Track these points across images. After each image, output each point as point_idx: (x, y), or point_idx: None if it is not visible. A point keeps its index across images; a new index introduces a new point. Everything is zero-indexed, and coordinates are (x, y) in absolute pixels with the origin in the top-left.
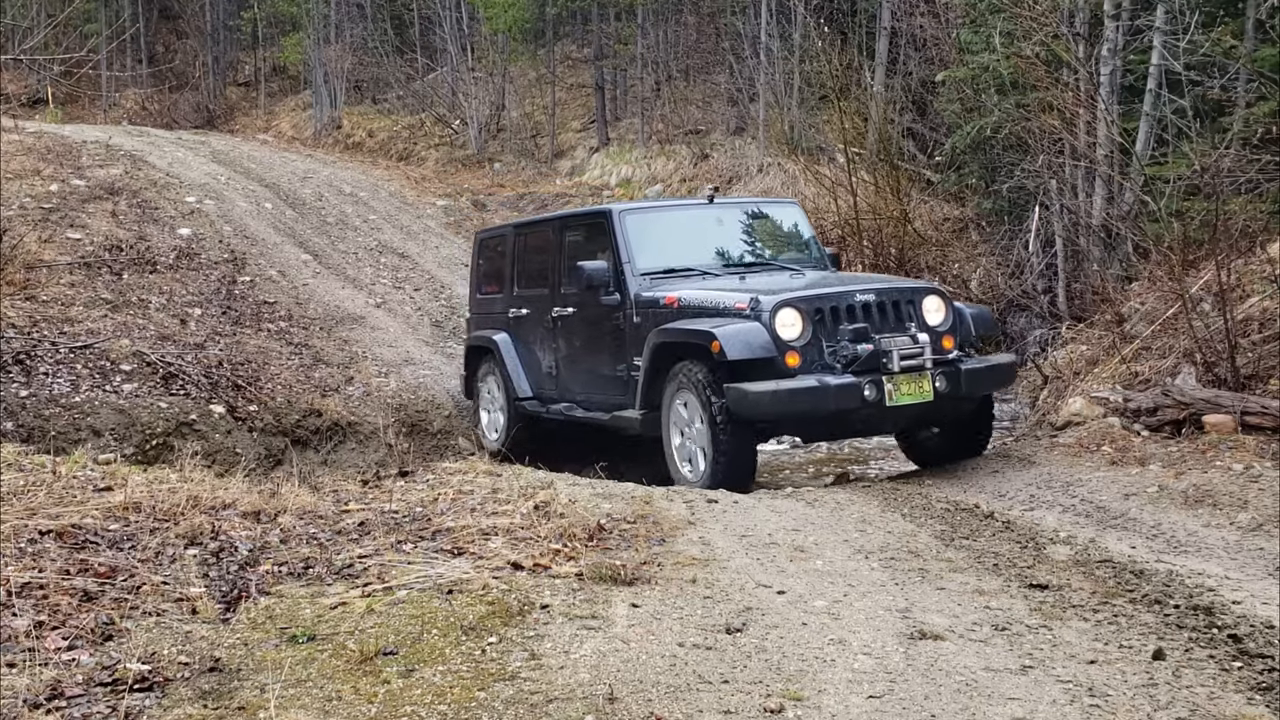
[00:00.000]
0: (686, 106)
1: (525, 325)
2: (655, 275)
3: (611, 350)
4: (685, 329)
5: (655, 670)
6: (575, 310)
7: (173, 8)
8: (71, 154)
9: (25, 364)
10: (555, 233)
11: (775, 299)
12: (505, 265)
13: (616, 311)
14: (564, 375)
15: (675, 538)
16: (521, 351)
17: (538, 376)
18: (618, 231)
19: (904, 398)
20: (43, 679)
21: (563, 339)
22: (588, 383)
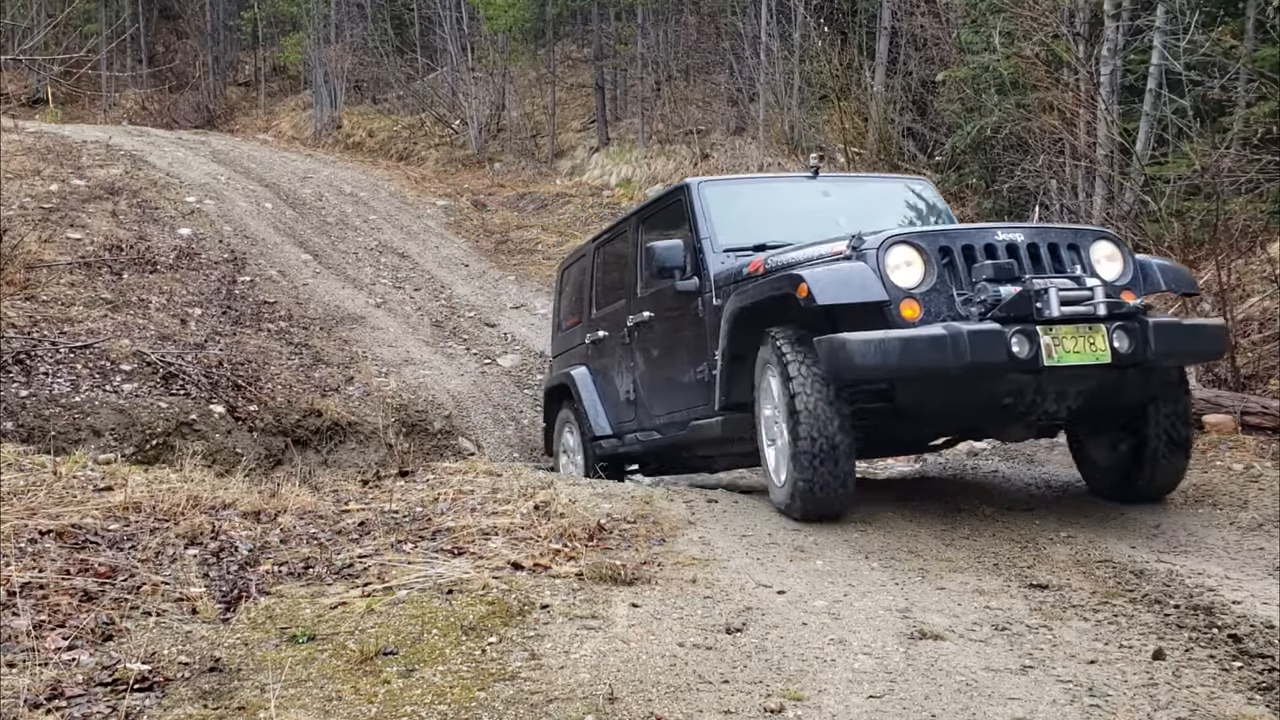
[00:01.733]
0: (686, 106)
1: (603, 349)
2: (740, 252)
3: (690, 349)
4: (765, 280)
5: (655, 670)
6: (651, 313)
7: (173, 7)
8: (71, 154)
9: (25, 364)
10: (633, 231)
11: (885, 234)
12: (584, 289)
13: (694, 299)
14: (643, 397)
15: (675, 538)
16: (599, 383)
17: (616, 408)
18: (696, 204)
19: (1068, 356)
20: (43, 679)
21: (639, 352)
22: (667, 398)
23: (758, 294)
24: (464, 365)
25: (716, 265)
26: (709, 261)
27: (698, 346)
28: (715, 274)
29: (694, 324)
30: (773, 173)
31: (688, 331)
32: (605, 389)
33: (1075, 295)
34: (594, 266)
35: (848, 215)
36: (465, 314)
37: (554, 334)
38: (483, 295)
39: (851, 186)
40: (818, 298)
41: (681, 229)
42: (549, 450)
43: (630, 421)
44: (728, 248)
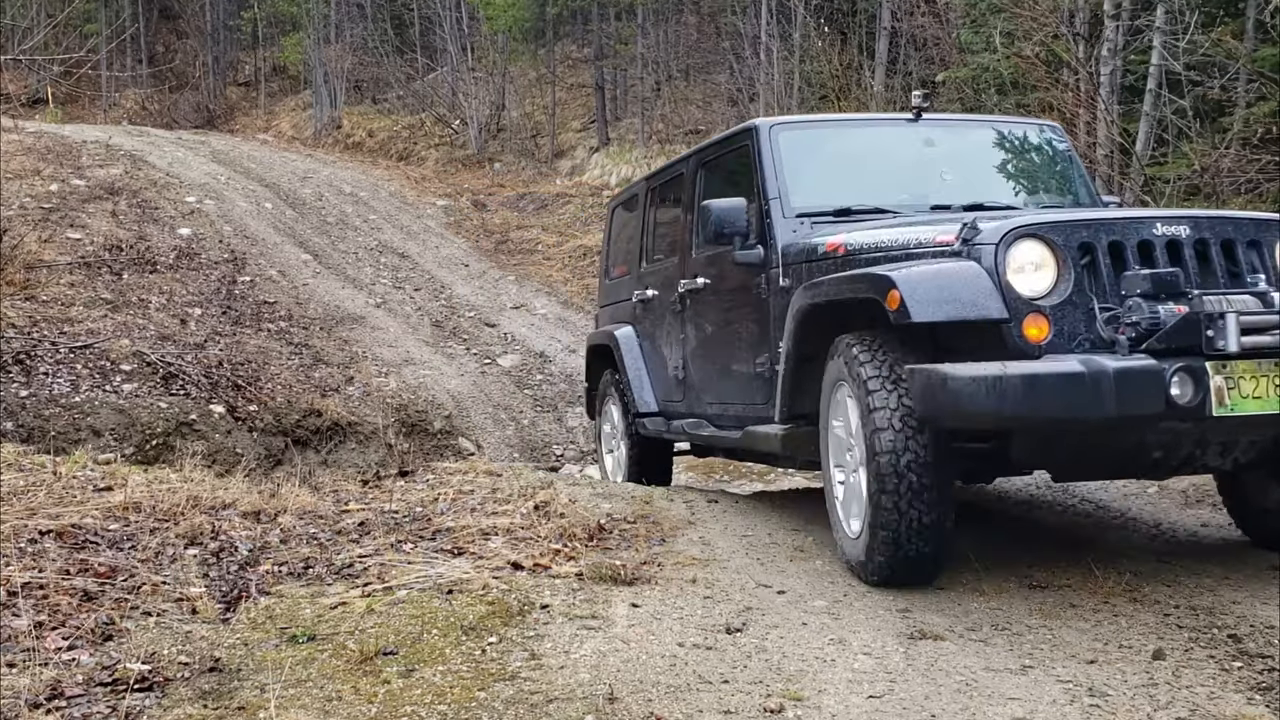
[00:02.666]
0: (686, 106)
1: (651, 312)
2: (819, 218)
3: (749, 334)
4: (845, 277)
5: (655, 670)
6: (707, 281)
7: (173, 7)
8: (71, 154)
9: (25, 364)
10: (690, 175)
11: (1006, 225)
12: (635, 236)
13: (758, 274)
14: (693, 378)
15: (675, 538)
16: (646, 350)
17: (664, 383)
18: (765, 153)
19: (1245, 403)
20: (43, 679)
21: (691, 325)
22: (720, 387)
23: (833, 292)
24: (464, 365)
25: (786, 234)
26: (777, 229)
27: (758, 333)
28: (784, 246)
29: (755, 305)
30: None
31: (747, 312)
32: (652, 359)
33: (1260, 321)
34: (646, 210)
35: (957, 173)
36: (465, 314)
37: (600, 280)
38: (483, 295)
39: (963, 134)
40: (913, 312)
41: (746, 183)
42: (591, 414)
43: (678, 402)
44: (803, 212)
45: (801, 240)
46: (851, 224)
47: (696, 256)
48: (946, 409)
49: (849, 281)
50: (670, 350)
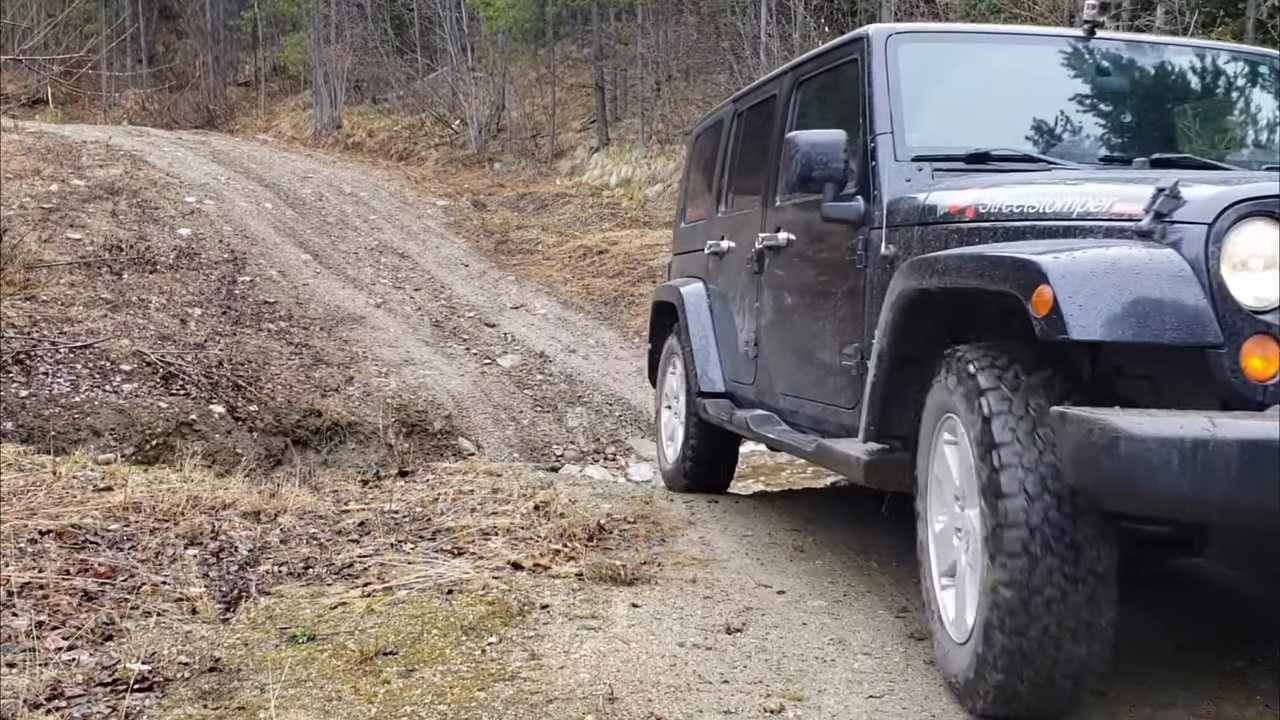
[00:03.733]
0: (687, 106)
1: (726, 268)
2: (943, 164)
3: (837, 312)
4: (971, 256)
5: (655, 670)
6: (791, 237)
7: (173, 7)
8: (71, 154)
9: (25, 364)
10: (784, 97)
11: (1225, 195)
12: (714, 173)
13: (854, 234)
14: (766, 358)
15: (675, 538)
16: (717, 314)
17: (733, 358)
18: (876, 71)
19: None
20: (43, 679)
21: (768, 290)
22: (797, 375)
23: (952, 275)
24: (464, 365)
25: (896, 184)
26: (884, 176)
27: (849, 313)
28: (892, 200)
29: (848, 275)
30: None
31: (837, 283)
32: (723, 325)
33: None
34: (729, 140)
35: (1141, 114)
36: (465, 314)
37: (675, 223)
38: (483, 295)
39: (1155, 60)
40: (1071, 325)
41: (850, 111)
42: (653, 382)
43: (747, 385)
44: (922, 154)
45: (916, 194)
46: (989, 176)
47: (780, 205)
48: (1115, 485)
49: (976, 263)
50: (743, 318)
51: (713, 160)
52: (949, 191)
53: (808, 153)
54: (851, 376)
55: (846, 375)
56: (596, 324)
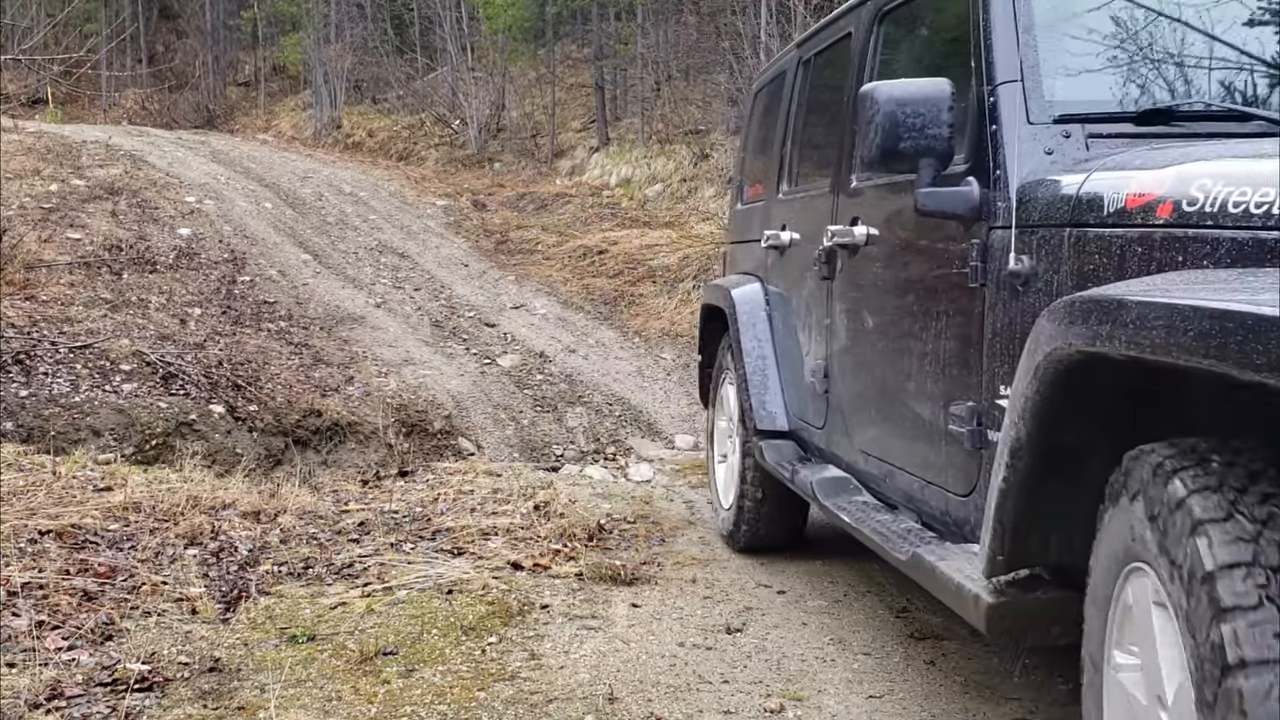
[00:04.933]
0: (686, 106)
1: (788, 266)
2: (1101, 126)
3: (940, 352)
4: (1194, 315)
5: (655, 670)
6: (872, 232)
7: (172, 7)
8: (71, 154)
9: (25, 364)
10: (862, 35)
11: None
12: (775, 141)
13: (965, 233)
14: (840, 394)
15: (675, 537)
16: (777, 325)
17: (796, 388)
18: None
19: None
20: (43, 679)
21: (841, 304)
22: (881, 427)
23: (1163, 340)
24: (464, 365)
25: (1031, 159)
26: (1010, 145)
27: (958, 353)
28: (1024, 184)
29: (955, 293)
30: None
31: (939, 305)
32: (785, 342)
33: None
34: (792, 98)
35: None
36: (465, 314)
37: (731, 203)
38: (482, 295)
39: None
40: None
41: (957, 51)
42: (704, 401)
43: (815, 428)
44: (1070, 112)
45: (1064, 175)
46: (1183, 146)
47: (857, 187)
48: None
49: (1206, 324)
50: (809, 337)
51: (772, 125)
52: (1122, 173)
53: (892, 113)
54: (964, 449)
55: (956, 445)
56: (596, 324)
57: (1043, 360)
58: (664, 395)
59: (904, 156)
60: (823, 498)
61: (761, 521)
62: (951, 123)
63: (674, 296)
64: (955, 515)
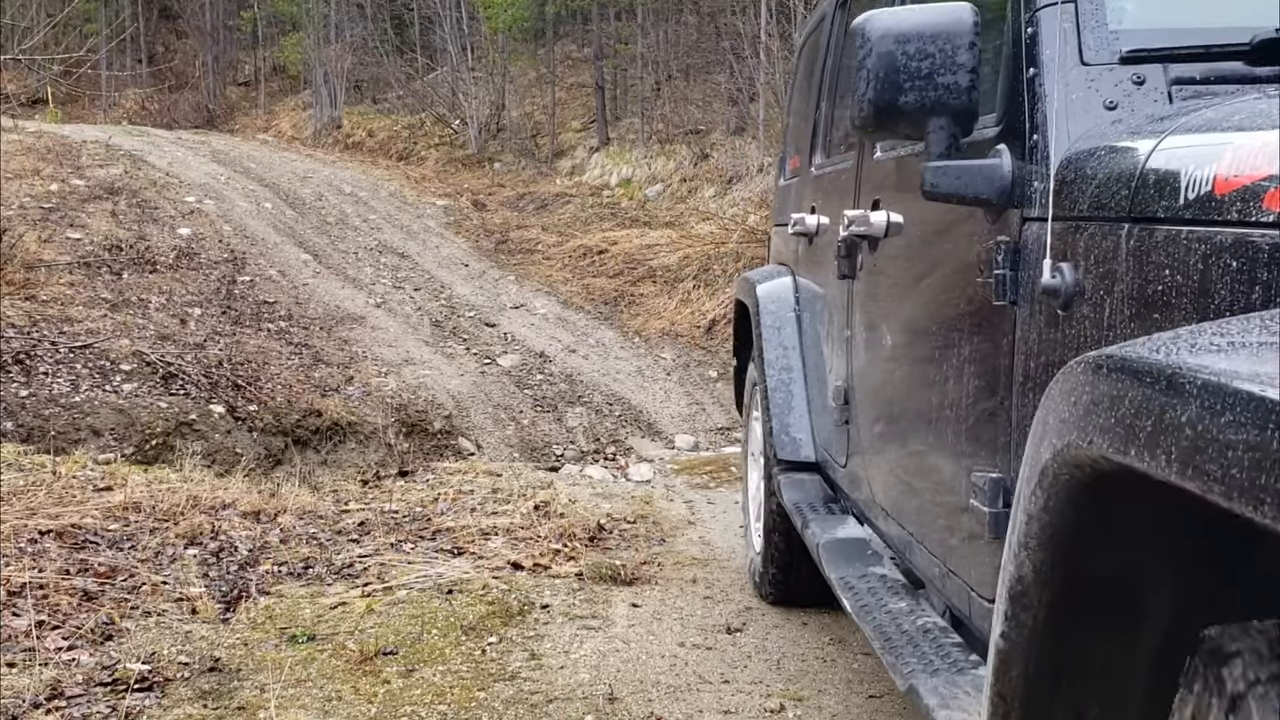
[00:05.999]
0: (686, 106)
1: (816, 259)
2: (1190, 68)
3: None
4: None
5: (655, 670)
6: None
7: (172, 7)
8: (71, 154)
9: (25, 364)
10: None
11: None
12: (811, 103)
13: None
14: (860, 426)
15: (675, 537)
16: (808, 329)
17: (820, 410)
18: None
19: None
20: (43, 679)
21: (861, 311)
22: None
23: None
24: (464, 365)
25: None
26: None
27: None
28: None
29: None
30: None
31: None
32: (814, 350)
33: None
34: (828, 50)
35: None
36: (465, 314)
37: (776, 177)
38: (482, 295)
39: None
40: None
41: None
42: (740, 409)
43: (839, 466)
44: (1140, 46)
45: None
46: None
47: (880, 158)
48: None
49: None
50: (831, 349)
51: (810, 82)
52: (1211, 137)
53: (889, 55)
54: (988, 537)
55: (979, 529)
56: (596, 324)
57: (1052, 461)
58: (664, 395)
59: (906, 115)
60: (829, 566)
61: (795, 569)
62: (974, 67)
63: (674, 296)
64: (981, 623)
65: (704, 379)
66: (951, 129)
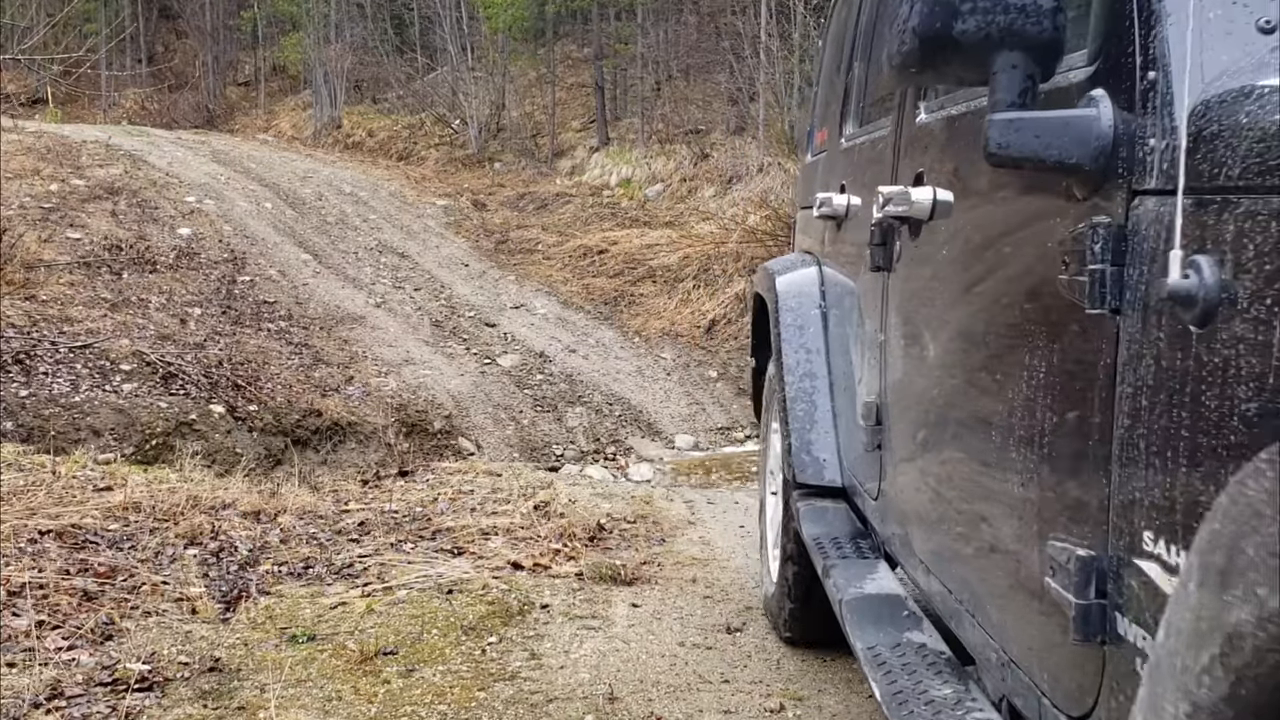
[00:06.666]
0: (686, 106)
1: (845, 244)
2: None
3: (1030, 430)
4: None
5: (656, 670)
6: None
7: (172, 7)
8: (71, 154)
9: (25, 364)
10: None
11: None
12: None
13: (1077, 207)
14: (895, 451)
15: (675, 537)
16: (832, 327)
17: (848, 428)
18: None
19: None
20: (43, 679)
21: (898, 310)
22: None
23: None
24: (464, 365)
25: (1221, 52)
26: (1177, 26)
27: (1064, 439)
28: (1204, 104)
29: (1061, 327)
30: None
31: (1033, 345)
32: (838, 354)
33: None
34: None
35: None
36: (465, 314)
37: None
38: (482, 295)
39: None
40: None
41: None
42: (757, 414)
43: (870, 498)
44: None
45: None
46: None
47: (924, 120)
48: None
49: None
50: (861, 355)
51: (840, 42)
52: None
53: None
54: (1070, 632)
55: (1057, 618)
56: (596, 324)
57: (1256, 630)
58: (664, 395)
59: (964, 49)
60: (854, 631)
61: (814, 605)
62: None
63: (674, 296)
64: None
65: (704, 379)
66: (1027, 68)
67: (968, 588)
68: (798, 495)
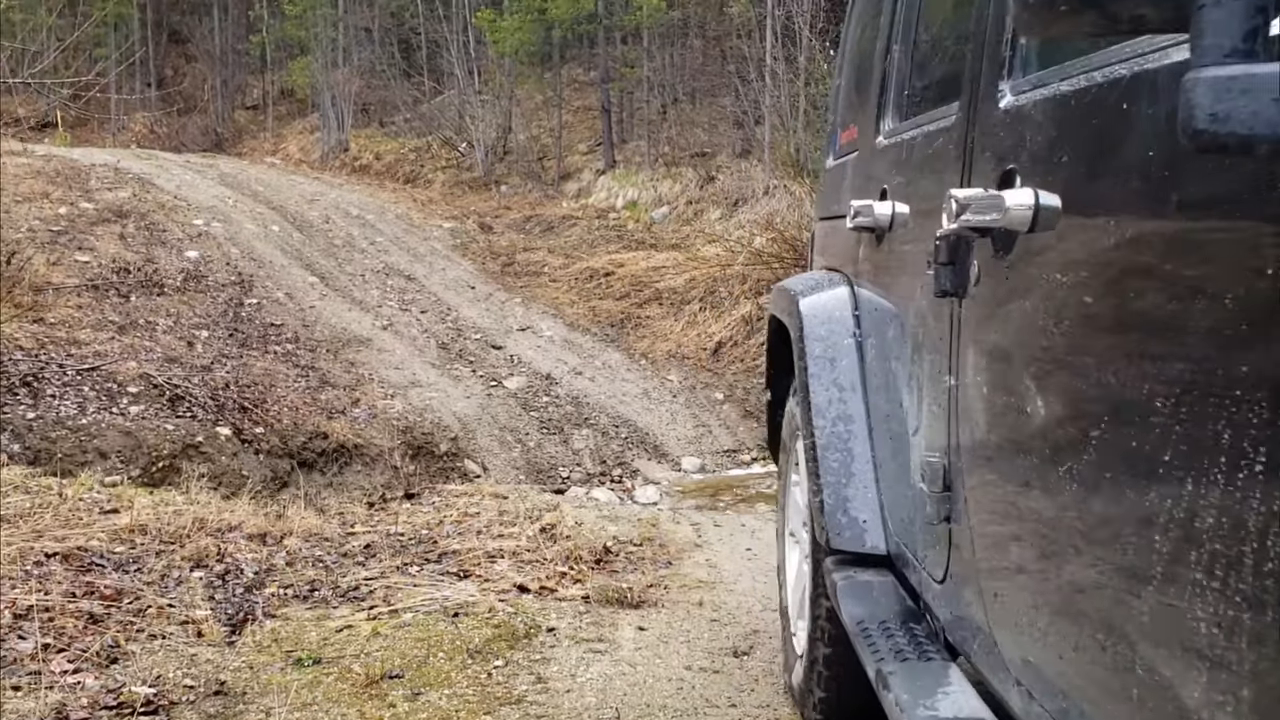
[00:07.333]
0: (692, 129)
1: (891, 262)
2: None
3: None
4: None
5: (662, 694)
6: (1044, 201)
7: (182, 31)
8: (80, 177)
9: (32, 386)
10: None
11: None
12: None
13: None
14: (973, 524)
15: (682, 560)
16: (873, 364)
17: (894, 485)
18: None
19: None
20: (48, 702)
21: (977, 347)
22: (1071, 648)
23: None
24: (470, 387)
25: None
26: None
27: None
28: None
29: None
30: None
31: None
32: (879, 393)
33: None
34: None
35: None
36: (471, 336)
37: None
38: (489, 317)
39: None
40: None
41: None
42: (774, 453)
43: (933, 580)
44: None
45: None
46: None
47: (1015, 104)
48: None
49: None
50: (917, 399)
51: (874, 22)
52: None
53: None
54: None
55: None
56: (603, 346)
57: None
58: (670, 417)
59: None
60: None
61: (839, 696)
62: None
63: (680, 319)
64: None
65: (710, 401)
66: (1247, 12)
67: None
68: (832, 563)
